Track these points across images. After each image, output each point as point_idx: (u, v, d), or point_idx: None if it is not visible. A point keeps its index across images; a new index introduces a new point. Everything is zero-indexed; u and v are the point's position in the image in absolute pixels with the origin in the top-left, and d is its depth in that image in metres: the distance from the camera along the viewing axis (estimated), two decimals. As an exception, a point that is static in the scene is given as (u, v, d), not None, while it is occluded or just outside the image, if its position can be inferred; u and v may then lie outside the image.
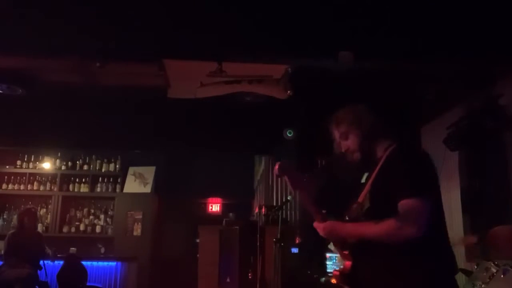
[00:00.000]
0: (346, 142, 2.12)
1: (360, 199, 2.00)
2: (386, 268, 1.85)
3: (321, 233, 2.06)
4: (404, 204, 1.76)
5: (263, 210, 6.52)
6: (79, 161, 8.19)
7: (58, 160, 8.12)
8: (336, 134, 2.17)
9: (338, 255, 4.26)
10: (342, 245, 2.02)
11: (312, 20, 3.49)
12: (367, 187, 1.99)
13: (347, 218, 2.07)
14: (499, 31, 3.54)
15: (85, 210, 8.10)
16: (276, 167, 2.07)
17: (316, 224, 2.07)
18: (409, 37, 3.67)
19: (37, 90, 4.93)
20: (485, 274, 3.68)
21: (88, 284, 6.68)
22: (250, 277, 5.95)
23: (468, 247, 4.58)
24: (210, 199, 9.06)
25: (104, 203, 8.17)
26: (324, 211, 2.11)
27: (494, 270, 3.63)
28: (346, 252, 2.01)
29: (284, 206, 5.63)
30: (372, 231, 1.82)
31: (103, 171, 8.17)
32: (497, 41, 3.65)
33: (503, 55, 3.80)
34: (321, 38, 3.72)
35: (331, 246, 3.98)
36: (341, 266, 2.05)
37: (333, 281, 3.50)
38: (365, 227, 1.86)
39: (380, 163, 1.99)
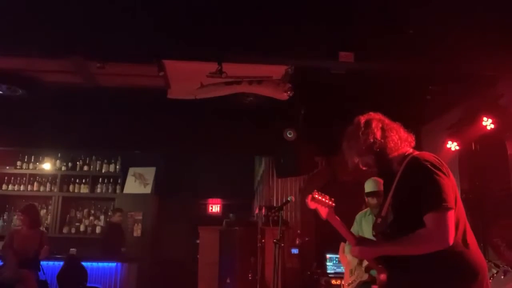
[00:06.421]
0: (364, 161, 2.11)
1: (383, 213, 2.06)
2: (417, 276, 1.91)
3: (356, 255, 2.14)
4: (429, 217, 1.85)
5: (263, 211, 6.51)
6: (79, 161, 8.19)
7: (58, 160, 8.13)
8: (353, 160, 2.14)
9: (338, 256, 4.27)
10: (376, 261, 2.07)
11: (312, 20, 3.50)
12: (388, 200, 2.05)
13: (374, 233, 2.14)
14: (498, 31, 3.54)
15: (85, 210, 8.10)
16: (309, 199, 2.14)
17: (352, 250, 2.12)
18: (409, 37, 3.67)
19: (37, 91, 4.93)
20: (485, 274, 3.68)
21: (88, 285, 6.66)
22: (250, 278, 5.94)
23: None
24: (210, 200, 9.06)
25: (104, 203, 8.18)
26: (357, 236, 2.19)
27: (495, 271, 3.64)
28: (381, 266, 2.06)
29: (284, 207, 5.62)
30: (406, 248, 1.91)
31: (103, 171, 8.18)
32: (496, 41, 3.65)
33: (502, 56, 3.80)
34: (321, 38, 3.72)
35: None
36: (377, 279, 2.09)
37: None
38: (400, 246, 1.93)
39: (398, 176, 2.02)
